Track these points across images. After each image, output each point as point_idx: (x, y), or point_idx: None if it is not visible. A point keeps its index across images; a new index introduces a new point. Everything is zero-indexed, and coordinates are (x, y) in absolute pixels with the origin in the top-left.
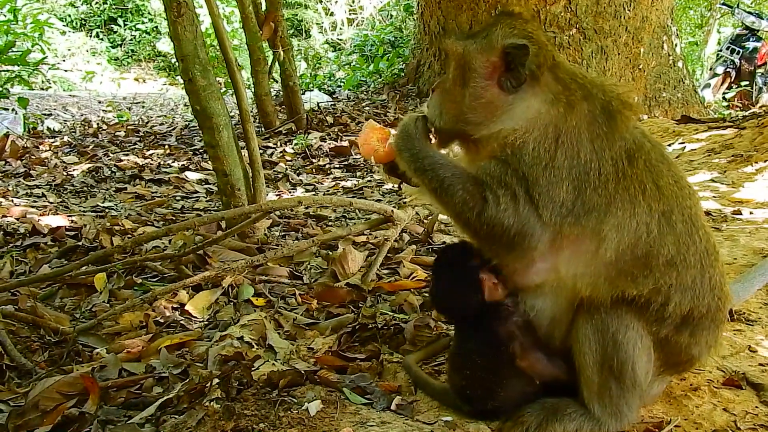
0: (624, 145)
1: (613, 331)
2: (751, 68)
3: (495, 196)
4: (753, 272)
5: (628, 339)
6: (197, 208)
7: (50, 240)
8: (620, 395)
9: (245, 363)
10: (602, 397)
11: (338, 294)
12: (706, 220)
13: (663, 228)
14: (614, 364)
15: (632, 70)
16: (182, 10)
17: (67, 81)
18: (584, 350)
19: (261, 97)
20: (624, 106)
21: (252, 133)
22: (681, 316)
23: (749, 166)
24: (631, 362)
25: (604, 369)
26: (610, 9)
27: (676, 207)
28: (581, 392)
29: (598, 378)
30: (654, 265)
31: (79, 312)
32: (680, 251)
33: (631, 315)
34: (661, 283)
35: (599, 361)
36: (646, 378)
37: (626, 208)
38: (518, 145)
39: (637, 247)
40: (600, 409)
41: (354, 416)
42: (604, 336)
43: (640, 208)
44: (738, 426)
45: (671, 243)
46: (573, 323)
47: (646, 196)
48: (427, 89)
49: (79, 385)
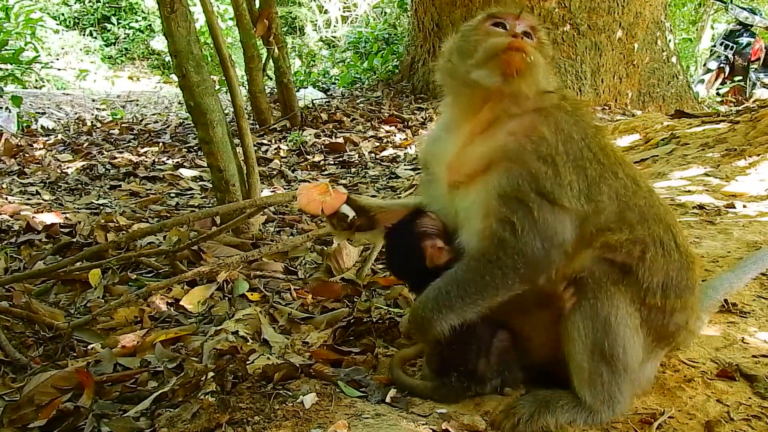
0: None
1: (604, 315)
2: (744, 64)
3: (512, 234)
4: (744, 263)
5: (618, 321)
6: (192, 205)
7: (44, 237)
8: (612, 381)
9: (240, 357)
10: (594, 384)
11: (333, 289)
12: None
13: (633, 187)
14: (605, 348)
15: (626, 66)
16: (175, 6)
17: (61, 79)
18: (573, 336)
19: (255, 94)
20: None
21: (246, 129)
22: (660, 274)
23: (742, 160)
24: (623, 345)
25: (594, 354)
26: (603, 5)
27: (637, 174)
28: (572, 381)
29: (588, 364)
30: (629, 217)
31: (74, 307)
32: (649, 206)
33: (618, 288)
34: (638, 232)
35: (590, 346)
36: (636, 361)
37: (611, 177)
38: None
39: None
40: (591, 397)
41: (349, 409)
42: (594, 320)
43: (618, 171)
44: (731, 417)
45: (641, 198)
46: (565, 313)
47: (614, 163)
48: (422, 86)
49: (74, 379)
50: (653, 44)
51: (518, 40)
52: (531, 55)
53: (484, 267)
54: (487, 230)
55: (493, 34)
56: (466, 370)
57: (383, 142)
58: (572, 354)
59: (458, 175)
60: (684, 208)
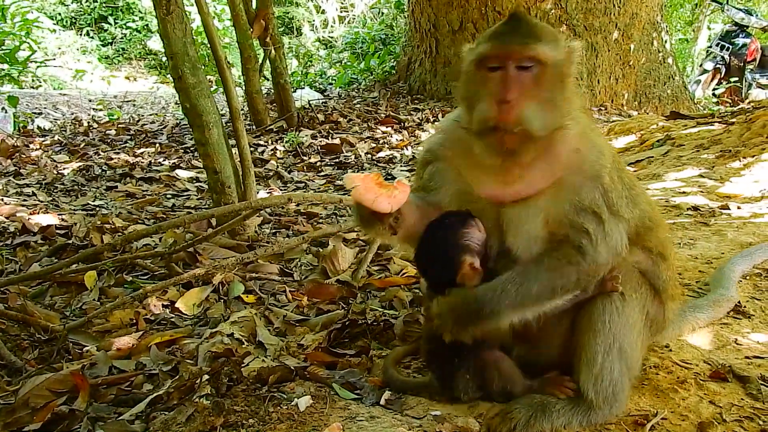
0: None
1: (627, 312)
2: (740, 64)
3: (589, 241)
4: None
5: (635, 320)
6: (188, 206)
7: (40, 238)
8: (619, 378)
9: (235, 359)
10: (602, 379)
11: (328, 291)
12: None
13: (643, 193)
14: (624, 345)
15: (622, 67)
16: (171, 7)
17: (58, 79)
18: (596, 327)
19: (252, 94)
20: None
21: (242, 130)
22: (666, 273)
23: (737, 162)
24: (636, 344)
25: (613, 349)
26: (600, 6)
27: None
28: (576, 373)
29: (602, 357)
30: (648, 223)
31: (69, 310)
32: (654, 210)
33: (640, 288)
34: (655, 238)
35: (610, 339)
36: (640, 360)
37: (636, 184)
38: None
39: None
40: (595, 393)
41: (343, 411)
42: (619, 315)
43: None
44: (724, 418)
45: (650, 203)
46: (585, 303)
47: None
48: (418, 86)
49: (69, 382)
50: (649, 45)
51: (507, 109)
52: (526, 110)
53: (564, 267)
54: (561, 237)
55: (485, 87)
56: (443, 376)
57: (380, 143)
58: (587, 345)
59: (507, 195)
60: (679, 209)
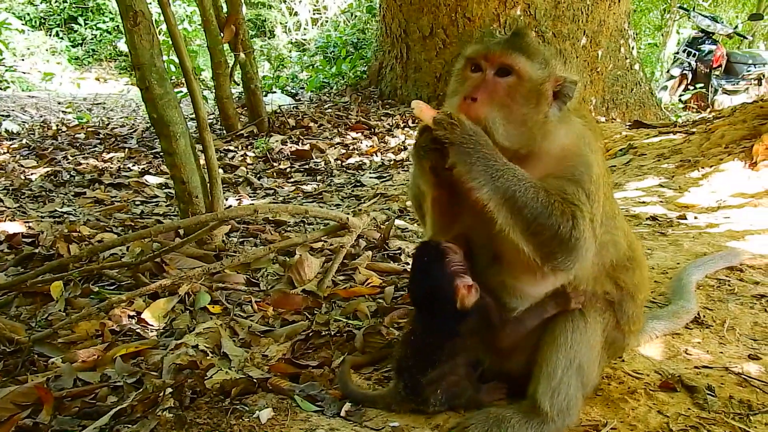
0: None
1: (590, 334)
2: (706, 70)
3: (581, 215)
4: (688, 273)
5: (596, 341)
6: (157, 213)
7: (6, 247)
8: (575, 393)
9: (199, 372)
10: (558, 393)
11: (294, 301)
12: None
13: (629, 238)
14: (582, 363)
15: (590, 73)
16: (138, 18)
17: (26, 81)
18: (559, 342)
19: (222, 99)
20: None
21: (209, 141)
22: (633, 306)
23: (696, 171)
24: (594, 363)
25: (572, 365)
26: (568, 13)
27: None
28: (534, 388)
29: (561, 372)
30: (630, 256)
31: (35, 321)
32: (636, 253)
33: (605, 314)
34: (632, 277)
35: (570, 356)
36: (596, 379)
37: (620, 214)
38: (581, 162)
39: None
40: (550, 406)
41: (304, 423)
42: (582, 334)
43: (620, 215)
44: (670, 427)
45: (628, 239)
46: (550, 321)
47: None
48: (389, 91)
49: (34, 395)
50: (617, 52)
51: (471, 106)
52: (491, 113)
53: (556, 209)
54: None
55: (463, 86)
56: (412, 385)
57: (349, 149)
58: (549, 360)
59: None
60: (638, 219)
